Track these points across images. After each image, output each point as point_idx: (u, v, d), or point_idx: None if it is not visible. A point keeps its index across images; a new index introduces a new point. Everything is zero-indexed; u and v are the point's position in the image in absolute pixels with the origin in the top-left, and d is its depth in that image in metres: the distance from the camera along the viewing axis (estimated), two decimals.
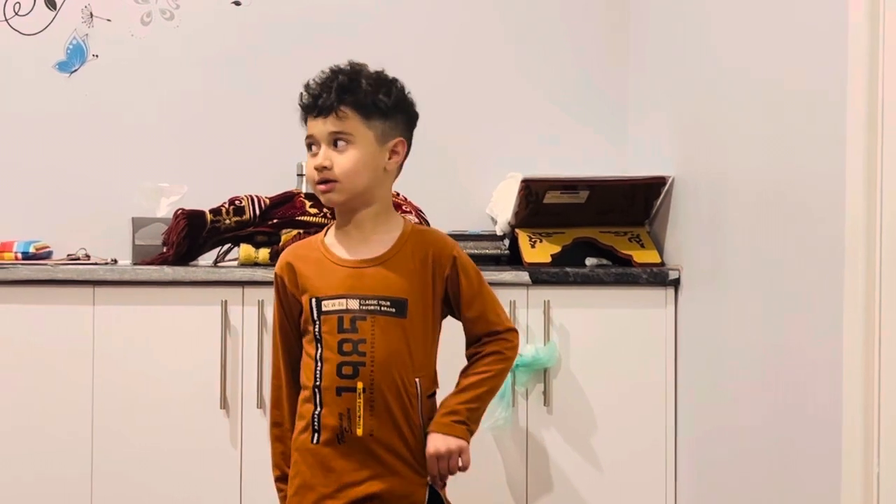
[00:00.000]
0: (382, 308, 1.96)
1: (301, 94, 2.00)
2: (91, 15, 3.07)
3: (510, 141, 3.15)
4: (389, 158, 2.01)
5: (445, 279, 2.04)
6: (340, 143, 1.96)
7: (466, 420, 2.00)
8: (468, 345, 2.08)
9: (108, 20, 3.08)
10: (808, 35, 1.93)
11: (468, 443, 2.01)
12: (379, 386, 1.94)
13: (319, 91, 1.96)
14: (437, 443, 1.98)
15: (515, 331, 2.09)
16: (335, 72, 1.99)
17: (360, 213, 2.01)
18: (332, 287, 1.99)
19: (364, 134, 1.97)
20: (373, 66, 2.03)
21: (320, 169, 1.96)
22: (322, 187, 1.98)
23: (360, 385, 1.94)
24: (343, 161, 1.95)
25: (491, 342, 2.05)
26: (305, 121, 2.02)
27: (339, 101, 1.95)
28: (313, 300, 1.99)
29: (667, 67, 2.82)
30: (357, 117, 1.96)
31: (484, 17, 3.17)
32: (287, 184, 2.86)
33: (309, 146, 2.00)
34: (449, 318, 2.09)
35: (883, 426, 1.69)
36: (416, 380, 1.99)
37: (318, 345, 1.98)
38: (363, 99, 1.96)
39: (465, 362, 2.07)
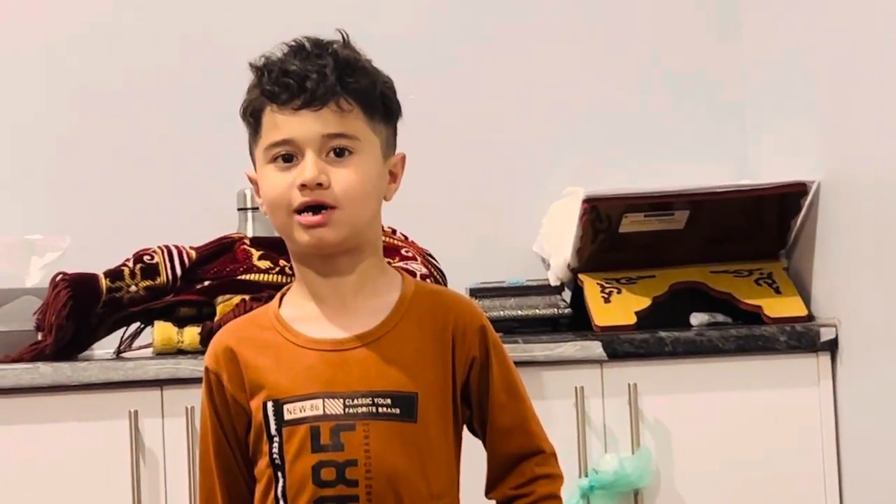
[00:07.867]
0: (380, 409, 1.65)
1: (262, 74, 1.61)
2: None
3: (562, 145, 2.72)
4: (390, 183, 1.70)
5: (470, 363, 1.67)
6: (342, 151, 1.61)
7: None
8: (496, 470, 1.71)
9: None
10: None
11: None
12: None
13: (306, 70, 1.59)
14: None
15: (556, 455, 1.82)
16: (323, 45, 1.62)
17: (343, 264, 1.65)
18: (298, 383, 1.66)
19: (371, 141, 1.64)
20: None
21: (311, 187, 1.58)
22: (310, 218, 1.60)
23: None
24: (347, 177, 1.60)
25: (544, 478, 1.69)
26: (258, 118, 1.63)
27: (343, 85, 1.59)
28: (269, 404, 1.65)
29: (800, 37, 2.47)
30: (362, 115, 1.61)
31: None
32: (224, 225, 2.47)
33: (280, 157, 1.61)
34: None
35: None
36: None
37: (280, 474, 1.61)
38: (370, 89, 1.62)
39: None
